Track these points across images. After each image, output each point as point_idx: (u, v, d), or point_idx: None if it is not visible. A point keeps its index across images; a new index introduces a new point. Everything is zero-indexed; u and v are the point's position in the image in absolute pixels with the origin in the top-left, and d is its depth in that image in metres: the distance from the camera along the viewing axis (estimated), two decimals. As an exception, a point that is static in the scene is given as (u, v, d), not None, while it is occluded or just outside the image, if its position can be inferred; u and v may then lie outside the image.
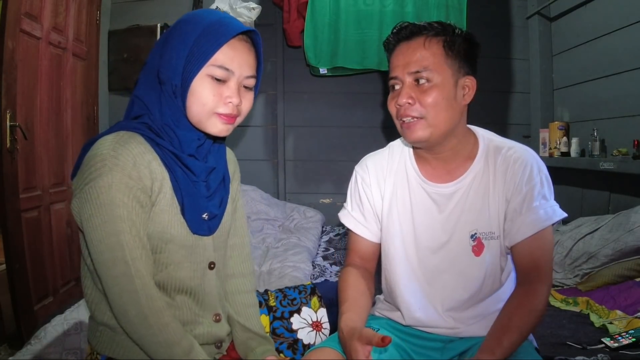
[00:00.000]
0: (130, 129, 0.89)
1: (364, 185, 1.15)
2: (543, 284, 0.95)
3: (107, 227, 0.82)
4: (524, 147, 1.06)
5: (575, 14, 2.70)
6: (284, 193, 3.27)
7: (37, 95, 2.21)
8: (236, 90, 0.90)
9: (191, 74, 0.87)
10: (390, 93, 1.06)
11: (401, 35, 1.05)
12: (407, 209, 1.09)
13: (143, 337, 0.85)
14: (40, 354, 1.42)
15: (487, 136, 1.10)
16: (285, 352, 1.10)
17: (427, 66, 0.99)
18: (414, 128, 1.01)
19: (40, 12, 2.19)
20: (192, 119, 0.90)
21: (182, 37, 0.88)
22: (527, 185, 0.99)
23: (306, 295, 1.21)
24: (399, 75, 1.02)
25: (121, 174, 0.82)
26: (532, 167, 1.01)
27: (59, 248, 2.37)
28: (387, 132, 3.15)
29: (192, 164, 0.92)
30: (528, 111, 3.15)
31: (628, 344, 1.33)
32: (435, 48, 1.00)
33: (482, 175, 1.04)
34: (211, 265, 0.99)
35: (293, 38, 2.94)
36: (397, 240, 1.09)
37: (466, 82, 1.03)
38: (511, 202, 1.01)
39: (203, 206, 0.94)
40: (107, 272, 0.83)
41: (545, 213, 0.97)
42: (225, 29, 0.88)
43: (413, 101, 1.00)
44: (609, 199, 2.42)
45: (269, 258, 2.24)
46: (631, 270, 1.76)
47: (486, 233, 1.03)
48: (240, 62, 0.90)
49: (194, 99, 0.88)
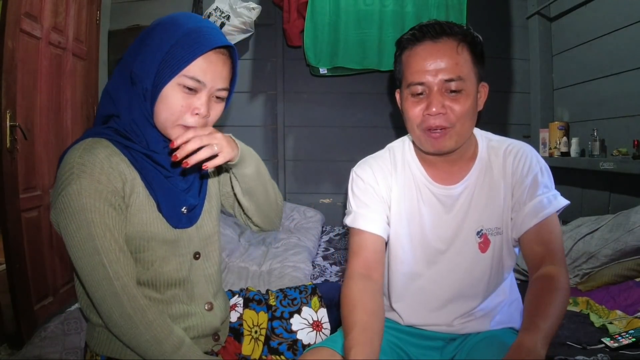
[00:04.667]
0: (96, 134, 0.90)
1: (369, 184, 1.08)
2: (560, 266, 0.92)
3: (81, 233, 0.83)
4: (521, 142, 1.07)
5: (575, 14, 2.70)
6: (284, 193, 3.27)
7: (37, 95, 2.20)
8: (205, 102, 0.90)
9: (163, 81, 0.87)
10: (410, 98, 0.99)
11: (427, 34, 0.97)
12: (415, 210, 1.07)
13: (131, 338, 0.86)
14: (40, 354, 1.42)
15: (485, 136, 1.10)
16: (285, 354, 1.10)
17: (461, 74, 0.95)
18: (443, 138, 0.97)
19: (40, 12, 2.19)
20: (158, 125, 0.91)
21: (158, 40, 0.87)
22: (529, 176, 1.00)
23: (307, 295, 1.21)
24: (427, 81, 0.96)
25: (89, 179, 0.83)
26: (531, 159, 1.02)
27: (59, 248, 2.36)
28: (387, 132, 3.15)
29: (163, 159, 0.93)
30: (528, 111, 3.15)
31: (628, 344, 1.33)
32: (467, 54, 0.97)
33: (485, 172, 1.05)
34: (196, 256, 1.00)
35: (293, 38, 2.94)
36: (404, 241, 1.07)
37: (481, 88, 1.03)
38: (515, 194, 1.02)
39: (182, 200, 0.95)
40: (88, 277, 0.85)
41: (549, 201, 0.98)
42: (203, 41, 0.87)
43: (445, 110, 0.95)
44: (609, 199, 2.42)
45: (269, 258, 2.24)
46: (631, 270, 1.76)
47: (492, 229, 1.03)
48: (213, 75, 0.89)
49: (162, 106, 0.88)
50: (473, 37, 0.99)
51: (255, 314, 1.15)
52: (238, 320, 1.13)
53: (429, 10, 2.72)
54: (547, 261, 0.94)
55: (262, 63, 3.21)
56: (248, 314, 1.14)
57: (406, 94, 1.00)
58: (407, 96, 1.00)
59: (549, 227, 0.97)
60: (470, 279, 1.05)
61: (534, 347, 0.75)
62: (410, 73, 0.98)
